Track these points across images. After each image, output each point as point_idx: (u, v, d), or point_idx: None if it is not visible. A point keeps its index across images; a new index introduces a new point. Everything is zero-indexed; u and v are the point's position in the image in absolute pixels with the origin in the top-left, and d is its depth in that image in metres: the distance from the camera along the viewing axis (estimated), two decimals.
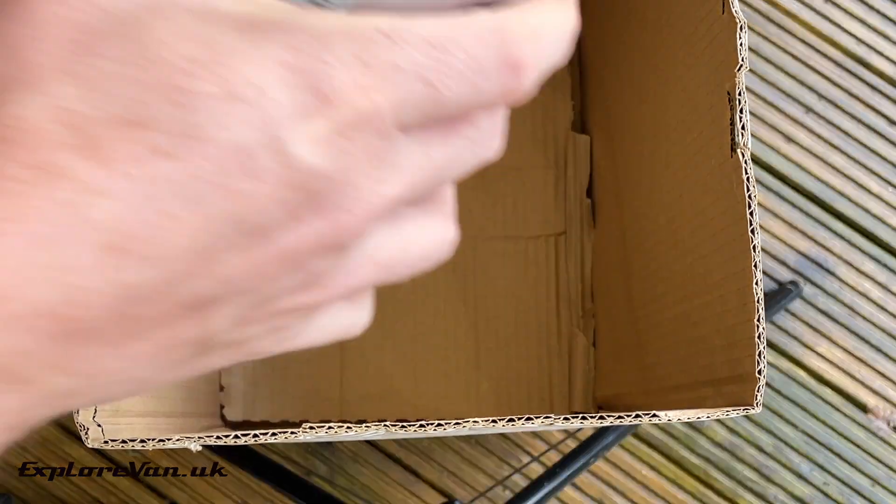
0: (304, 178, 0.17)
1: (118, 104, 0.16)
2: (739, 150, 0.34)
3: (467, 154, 0.21)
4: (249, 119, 0.17)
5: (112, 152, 0.16)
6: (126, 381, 0.19)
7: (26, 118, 0.16)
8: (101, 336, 0.17)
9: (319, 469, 0.72)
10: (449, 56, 0.18)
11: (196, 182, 0.16)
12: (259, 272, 0.18)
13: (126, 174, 0.16)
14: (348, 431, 0.32)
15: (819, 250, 0.76)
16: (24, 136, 0.16)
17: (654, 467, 0.74)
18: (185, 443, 0.33)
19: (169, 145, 0.16)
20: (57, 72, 0.16)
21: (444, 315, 0.59)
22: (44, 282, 0.16)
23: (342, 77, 0.17)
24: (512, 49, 0.19)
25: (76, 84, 0.16)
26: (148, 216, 0.16)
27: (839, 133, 0.78)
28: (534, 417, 0.33)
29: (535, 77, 0.20)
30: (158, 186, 0.16)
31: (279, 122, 0.17)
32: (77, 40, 0.16)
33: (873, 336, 0.75)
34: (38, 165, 0.16)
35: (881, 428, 0.75)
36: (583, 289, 0.59)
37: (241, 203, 0.17)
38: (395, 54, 0.18)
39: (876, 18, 0.79)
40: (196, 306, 0.18)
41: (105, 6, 0.17)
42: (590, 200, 0.60)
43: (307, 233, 0.18)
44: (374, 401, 0.58)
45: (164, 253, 0.17)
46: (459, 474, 0.73)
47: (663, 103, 0.43)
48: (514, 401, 0.59)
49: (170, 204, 0.16)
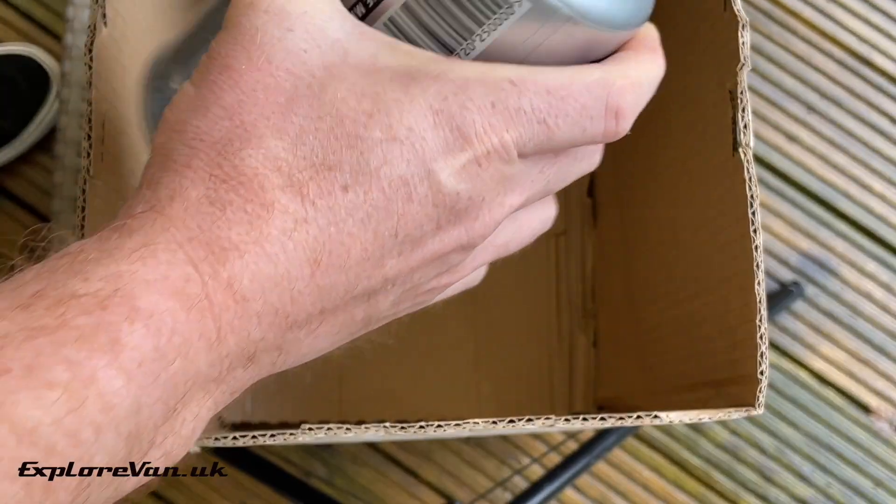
0: (448, 200, 0.23)
1: (311, 152, 0.22)
2: (741, 149, 0.34)
3: (573, 168, 0.27)
4: (408, 157, 0.23)
5: (308, 190, 0.22)
6: (310, 354, 0.26)
7: (253, 167, 0.22)
8: (305, 324, 0.24)
9: (318, 470, 0.72)
10: (563, 104, 0.24)
11: (368, 207, 0.23)
12: (412, 270, 0.25)
13: (318, 205, 0.22)
14: (347, 433, 0.32)
15: (821, 250, 0.76)
16: (251, 181, 0.22)
17: (656, 468, 0.73)
18: None
19: (348, 181, 0.22)
20: (269, 130, 0.22)
21: (444, 316, 0.59)
22: (274, 288, 0.22)
23: (478, 119, 0.23)
24: (614, 99, 0.24)
25: (282, 139, 0.22)
26: (335, 236, 0.23)
27: (841, 132, 0.77)
28: (534, 418, 0.32)
29: (632, 121, 0.25)
30: (341, 213, 0.22)
31: (431, 157, 0.23)
32: (278, 103, 0.22)
33: (876, 336, 0.75)
34: (262, 202, 0.22)
35: (883, 429, 0.74)
36: (583, 289, 0.59)
37: (401, 221, 0.23)
38: (521, 100, 0.23)
39: (878, 17, 0.79)
40: (366, 297, 0.25)
41: (294, 72, 0.23)
42: (590, 200, 0.59)
43: (450, 240, 0.24)
44: (373, 402, 0.58)
45: (347, 262, 0.23)
46: (459, 476, 0.72)
47: (665, 102, 0.43)
48: (515, 401, 0.58)
49: (350, 226, 0.23)
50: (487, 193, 0.24)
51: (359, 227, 0.23)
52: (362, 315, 0.25)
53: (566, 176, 0.27)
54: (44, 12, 0.77)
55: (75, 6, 0.62)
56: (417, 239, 0.24)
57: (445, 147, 0.23)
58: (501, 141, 0.23)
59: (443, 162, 0.23)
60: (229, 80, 0.23)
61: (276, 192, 0.22)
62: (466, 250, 0.25)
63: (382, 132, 0.22)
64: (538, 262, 0.59)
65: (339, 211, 0.23)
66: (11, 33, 0.77)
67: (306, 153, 0.22)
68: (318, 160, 0.22)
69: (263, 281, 0.22)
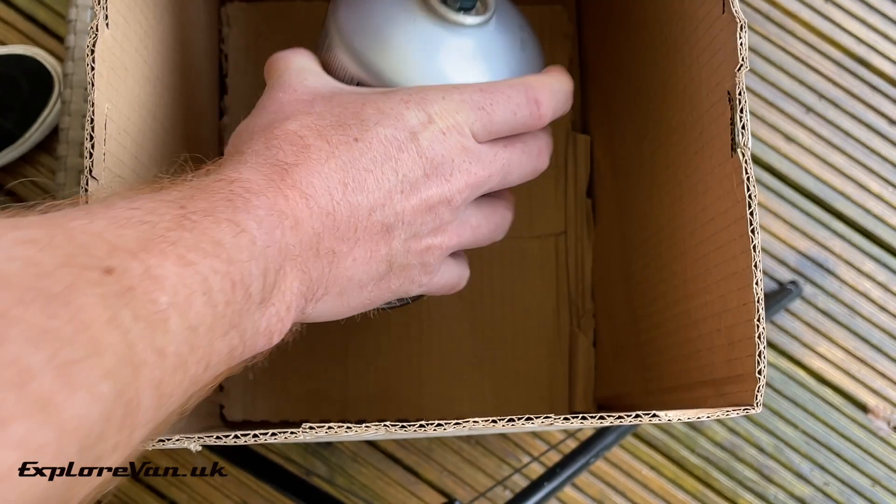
0: (428, 154, 0.34)
1: (329, 120, 0.34)
2: (739, 149, 0.34)
3: (523, 159, 0.37)
4: (394, 123, 0.34)
5: (331, 137, 0.33)
6: (349, 284, 0.34)
7: (293, 129, 0.33)
8: (345, 237, 0.33)
9: (319, 469, 0.72)
10: (494, 95, 0.36)
11: (373, 152, 0.33)
12: (414, 210, 0.34)
13: (339, 147, 0.33)
14: (348, 431, 0.32)
15: (819, 250, 0.76)
16: (292, 136, 0.33)
17: (655, 467, 0.74)
18: (184, 443, 0.33)
19: (357, 134, 0.33)
20: (300, 113, 0.34)
21: (445, 315, 0.59)
22: (322, 194, 0.32)
23: (435, 107, 0.35)
24: (532, 93, 0.36)
25: (309, 115, 0.34)
26: (355, 167, 0.33)
27: (839, 133, 0.78)
28: (534, 417, 0.33)
29: (549, 110, 0.37)
30: (356, 153, 0.33)
31: (410, 126, 0.34)
32: (304, 101, 0.35)
33: (873, 336, 0.75)
34: (303, 146, 0.33)
35: (881, 428, 0.75)
36: (583, 289, 0.59)
37: (398, 163, 0.34)
38: (462, 95, 0.35)
39: (876, 18, 0.79)
40: (383, 229, 0.34)
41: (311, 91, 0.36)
42: (590, 200, 0.60)
43: (436, 190, 0.34)
44: (374, 401, 0.58)
45: (366, 187, 0.33)
46: (459, 474, 0.73)
47: (663, 103, 0.43)
48: (515, 401, 0.59)
49: (364, 162, 0.33)
50: (455, 157, 0.35)
51: (370, 164, 0.33)
52: (385, 251, 0.34)
53: (519, 166, 0.37)
54: (46, 13, 0.77)
55: (77, 7, 0.63)
56: (413, 182, 0.34)
57: (418, 122, 0.34)
58: (455, 120, 0.35)
59: (419, 130, 0.34)
60: (272, 100, 0.35)
61: (310, 139, 0.33)
62: (451, 207, 0.35)
63: (374, 110, 0.34)
64: (538, 262, 0.59)
65: (354, 152, 0.33)
66: (14, 34, 0.77)
67: (326, 121, 0.34)
68: (335, 122, 0.34)
69: (316, 187, 0.32)
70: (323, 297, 0.33)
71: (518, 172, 0.37)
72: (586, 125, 0.60)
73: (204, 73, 0.54)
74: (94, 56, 0.34)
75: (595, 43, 0.58)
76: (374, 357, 0.58)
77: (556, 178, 0.59)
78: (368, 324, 0.59)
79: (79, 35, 0.62)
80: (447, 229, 0.36)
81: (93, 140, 0.34)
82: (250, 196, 0.29)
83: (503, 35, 0.39)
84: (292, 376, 0.58)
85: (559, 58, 0.61)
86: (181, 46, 0.47)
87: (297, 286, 0.31)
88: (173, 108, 0.46)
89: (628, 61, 0.49)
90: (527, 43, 0.40)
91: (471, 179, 0.35)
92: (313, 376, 0.58)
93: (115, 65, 0.36)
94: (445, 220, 0.35)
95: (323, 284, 0.33)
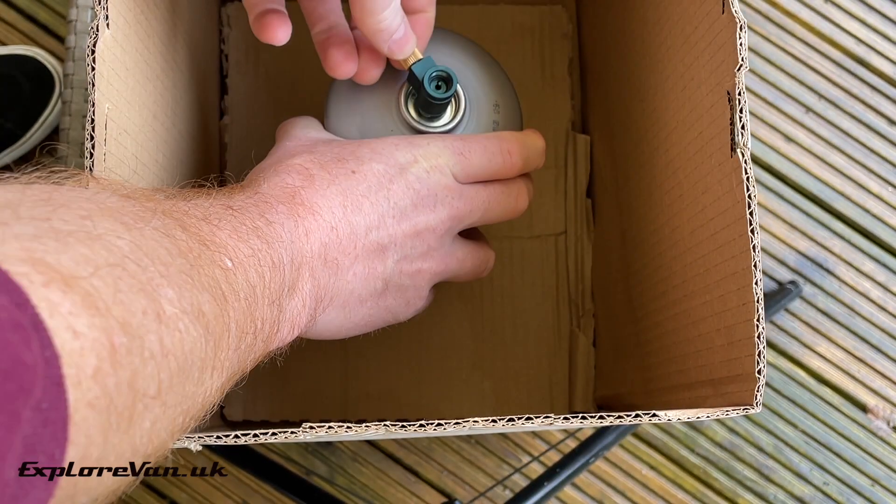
0: (416, 187, 0.39)
1: (328, 156, 0.39)
2: (739, 149, 0.34)
3: (502, 199, 0.43)
4: (386, 160, 0.39)
5: (332, 170, 0.38)
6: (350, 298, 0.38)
7: (298, 163, 0.38)
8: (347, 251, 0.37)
9: (319, 469, 0.72)
10: (472, 144, 0.41)
11: (368, 182, 0.38)
12: (404, 234, 0.39)
13: (339, 177, 0.38)
14: (348, 431, 0.33)
15: (819, 250, 0.76)
16: (298, 167, 0.38)
17: (654, 467, 0.74)
18: (185, 442, 0.33)
19: (353, 167, 0.38)
20: (304, 152, 0.39)
21: (445, 315, 0.59)
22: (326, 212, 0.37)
23: (420, 150, 0.40)
24: (505, 144, 0.43)
25: (311, 154, 0.39)
26: (352, 194, 0.38)
27: (839, 133, 0.78)
28: (534, 417, 0.33)
29: (520, 160, 0.43)
30: (352, 182, 0.38)
31: (400, 163, 0.39)
32: (306, 145, 0.41)
33: (873, 336, 0.75)
34: (307, 175, 0.37)
35: (881, 427, 0.75)
36: (582, 289, 0.59)
37: (390, 192, 0.38)
38: (444, 142, 0.41)
39: (876, 18, 0.79)
40: (379, 248, 0.38)
41: (312, 139, 0.42)
42: (590, 200, 0.60)
43: (423, 219, 0.39)
44: (374, 401, 0.58)
45: (363, 209, 0.38)
46: (459, 474, 0.73)
47: (663, 103, 0.44)
48: (515, 400, 0.59)
49: (361, 190, 0.38)
50: (439, 192, 0.40)
51: (365, 191, 0.38)
52: (381, 269, 0.39)
53: (498, 204, 0.42)
54: (47, 14, 0.78)
55: (78, 8, 0.63)
56: (402, 209, 0.39)
57: (406, 161, 0.40)
58: (437, 161, 0.40)
59: (407, 167, 0.39)
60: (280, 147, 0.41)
61: (314, 170, 0.38)
62: (436, 234, 0.40)
63: (368, 150, 0.40)
64: (538, 262, 0.59)
65: (351, 181, 0.38)
66: (15, 35, 0.77)
67: (326, 157, 0.39)
68: (334, 158, 0.39)
69: (320, 205, 0.36)
70: (328, 307, 0.38)
71: (498, 210, 0.42)
72: (586, 125, 0.60)
73: (204, 74, 0.54)
74: (94, 56, 0.34)
75: (595, 43, 0.58)
76: (373, 357, 0.58)
77: (555, 178, 0.60)
78: None
79: (79, 35, 0.62)
80: (434, 256, 0.41)
81: (93, 140, 0.34)
82: (275, 203, 0.35)
83: (473, 129, 0.45)
84: (292, 376, 0.58)
85: (559, 58, 0.61)
86: (182, 47, 0.47)
87: (310, 288, 0.35)
88: (174, 108, 0.46)
89: (628, 61, 0.50)
90: (498, 125, 0.46)
91: (453, 212, 0.40)
92: (313, 377, 0.58)
93: (115, 65, 0.36)
94: (433, 246, 0.40)
95: (329, 292, 0.37)
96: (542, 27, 0.61)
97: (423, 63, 0.42)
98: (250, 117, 0.59)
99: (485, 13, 0.61)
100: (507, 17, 0.61)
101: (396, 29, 0.39)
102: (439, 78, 0.42)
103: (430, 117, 0.43)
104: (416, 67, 0.42)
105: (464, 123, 0.44)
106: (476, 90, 0.45)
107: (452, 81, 0.42)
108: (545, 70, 0.61)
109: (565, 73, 0.61)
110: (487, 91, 0.46)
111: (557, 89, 0.61)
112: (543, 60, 0.61)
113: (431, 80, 0.42)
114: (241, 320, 0.29)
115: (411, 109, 0.44)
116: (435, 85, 0.42)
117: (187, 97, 0.49)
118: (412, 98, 0.43)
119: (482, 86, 0.46)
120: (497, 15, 0.61)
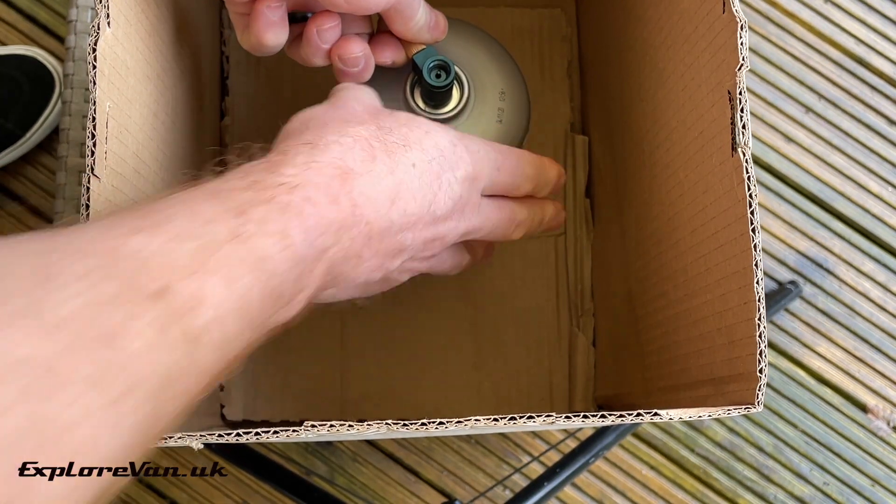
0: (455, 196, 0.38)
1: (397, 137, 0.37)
2: (740, 149, 0.34)
3: (511, 225, 0.43)
4: (442, 159, 0.38)
5: (395, 156, 0.37)
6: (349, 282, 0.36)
7: (365, 136, 0.36)
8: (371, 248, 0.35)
9: (319, 469, 0.72)
10: (507, 159, 0.41)
11: (423, 181, 0.37)
12: (424, 240, 0.38)
13: (399, 168, 0.36)
14: (350, 430, 0.33)
15: (819, 250, 0.76)
16: (365, 143, 0.36)
17: (654, 467, 0.74)
18: (186, 440, 0.33)
19: (416, 161, 0.37)
20: (371, 121, 0.38)
21: (445, 315, 0.59)
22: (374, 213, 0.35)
23: (475, 157, 0.39)
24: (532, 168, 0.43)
25: (379, 128, 0.37)
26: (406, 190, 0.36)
27: (839, 133, 0.78)
28: (535, 416, 0.33)
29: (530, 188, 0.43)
30: (412, 177, 0.37)
31: (454, 166, 0.39)
32: (373, 113, 0.39)
33: (873, 336, 0.75)
34: (371, 157, 0.36)
35: (881, 428, 0.75)
36: (582, 289, 0.59)
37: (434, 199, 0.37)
38: (489, 152, 0.40)
39: (876, 18, 0.79)
40: (398, 249, 0.37)
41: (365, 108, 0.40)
42: (589, 200, 0.60)
43: (444, 228, 0.39)
44: (374, 400, 0.58)
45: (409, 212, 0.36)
46: (459, 474, 0.73)
47: (663, 103, 0.44)
48: (515, 400, 0.59)
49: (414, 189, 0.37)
50: (467, 207, 0.40)
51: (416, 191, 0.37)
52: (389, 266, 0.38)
53: (506, 228, 0.42)
54: (47, 14, 0.78)
55: (78, 8, 0.63)
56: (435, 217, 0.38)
57: (460, 166, 0.39)
58: (478, 169, 0.40)
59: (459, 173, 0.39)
60: (347, 101, 0.40)
61: (377, 151, 0.36)
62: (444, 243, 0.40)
63: (432, 144, 0.38)
64: (538, 262, 0.59)
65: (410, 174, 0.37)
66: (15, 35, 0.77)
67: (393, 136, 0.37)
68: (400, 140, 0.37)
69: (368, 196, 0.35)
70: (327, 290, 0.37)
71: (496, 234, 0.43)
72: (585, 126, 0.60)
73: (205, 74, 0.54)
74: (95, 55, 0.34)
75: (595, 44, 0.58)
76: (373, 357, 0.58)
77: None
78: (369, 324, 0.59)
79: (79, 35, 0.62)
80: (432, 259, 0.41)
81: (94, 138, 0.34)
82: (305, 206, 0.32)
83: (478, 116, 0.46)
84: (292, 376, 0.58)
85: (558, 60, 0.61)
86: (183, 47, 0.48)
87: (318, 282, 0.34)
88: (174, 107, 0.46)
89: (628, 62, 0.50)
90: (504, 112, 0.47)
91: (469, 227, 0.40)
92: (313, 376, 0.58)
93: (116, 63, 0.36)
94: (436, 252, 0.40)
95: (336, 282, 0.36)
96: (542, 30, 0.61)
97: (425, 52, 0.44)
98: (251, 118, 0.59)
99: (484, 16, 0.61)
100: (507, 20, 0.61)
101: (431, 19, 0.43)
102: (438, 66, 0.43)
103: (434, 105, 0.45)
104: (417, 57, 0.44)
105: (468, 111, 0.46)
106: (482, 78, 0.47)
107: (450, 69, 0.43)
108: (544, 72, 0.61)
109: (564, 75, 0.61)
110: (494, 79, 0.47)
111: (556, 91, 0.61)
112: (542, 63, 0.61)
113: (431, 69, 0.43)
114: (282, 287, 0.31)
115: (418, 98, 0.45)
116: (435, 73, 0.43)
117: (188, 97, 0.49)
118: (418, 87, 0.45)
119: (488, 74, 0.47)
120: (496, 17, 0.61)
